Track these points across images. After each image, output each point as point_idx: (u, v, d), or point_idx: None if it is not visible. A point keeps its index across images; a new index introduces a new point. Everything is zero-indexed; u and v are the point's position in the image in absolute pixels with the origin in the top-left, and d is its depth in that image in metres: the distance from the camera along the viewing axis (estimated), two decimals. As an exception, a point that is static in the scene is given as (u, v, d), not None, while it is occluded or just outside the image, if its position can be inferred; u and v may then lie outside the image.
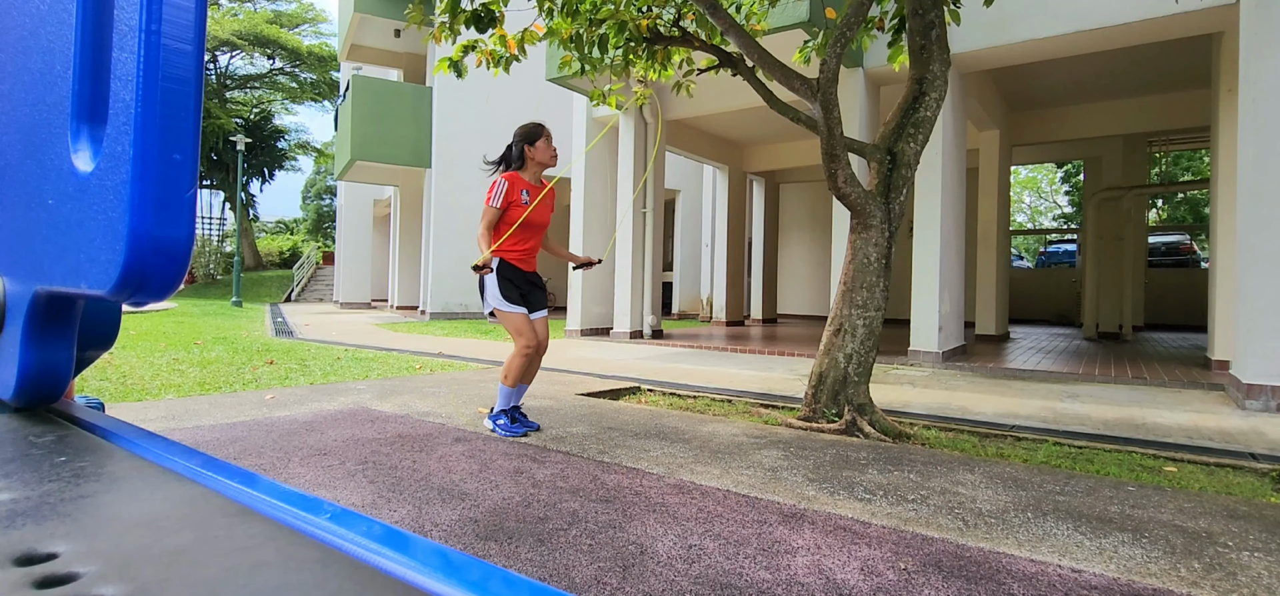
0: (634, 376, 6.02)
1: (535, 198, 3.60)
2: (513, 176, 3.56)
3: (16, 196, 0.55)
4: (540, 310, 3.68)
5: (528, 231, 3.58)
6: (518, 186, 3.56)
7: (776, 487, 2.77)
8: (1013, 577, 1.94)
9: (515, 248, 3.55)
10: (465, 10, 4.21)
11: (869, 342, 4.04)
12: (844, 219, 7.34)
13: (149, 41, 0.41)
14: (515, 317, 3.54)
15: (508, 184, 3.53)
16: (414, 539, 0.38)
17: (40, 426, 0.58)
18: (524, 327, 3.54)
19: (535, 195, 3.61)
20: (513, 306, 3.53)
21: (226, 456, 3.07)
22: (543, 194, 3.64)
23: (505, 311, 3.53)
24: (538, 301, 3.67)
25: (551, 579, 1.87)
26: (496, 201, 3.50)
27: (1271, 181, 4.78)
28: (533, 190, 3.61)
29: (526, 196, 3.57)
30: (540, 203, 3.61)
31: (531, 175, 3.64)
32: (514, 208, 3.55)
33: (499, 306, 3.54)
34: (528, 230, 3.58)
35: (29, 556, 0.34)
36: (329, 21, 33.49)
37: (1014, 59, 7.42)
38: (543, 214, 3.64)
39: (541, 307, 3.68)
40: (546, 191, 3.68)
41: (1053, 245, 18.76)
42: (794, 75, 4.05)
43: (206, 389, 4.95)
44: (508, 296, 3.53)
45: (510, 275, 3.56)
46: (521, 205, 3.55)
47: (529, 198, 3.58)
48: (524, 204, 3.55)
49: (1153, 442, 3.77)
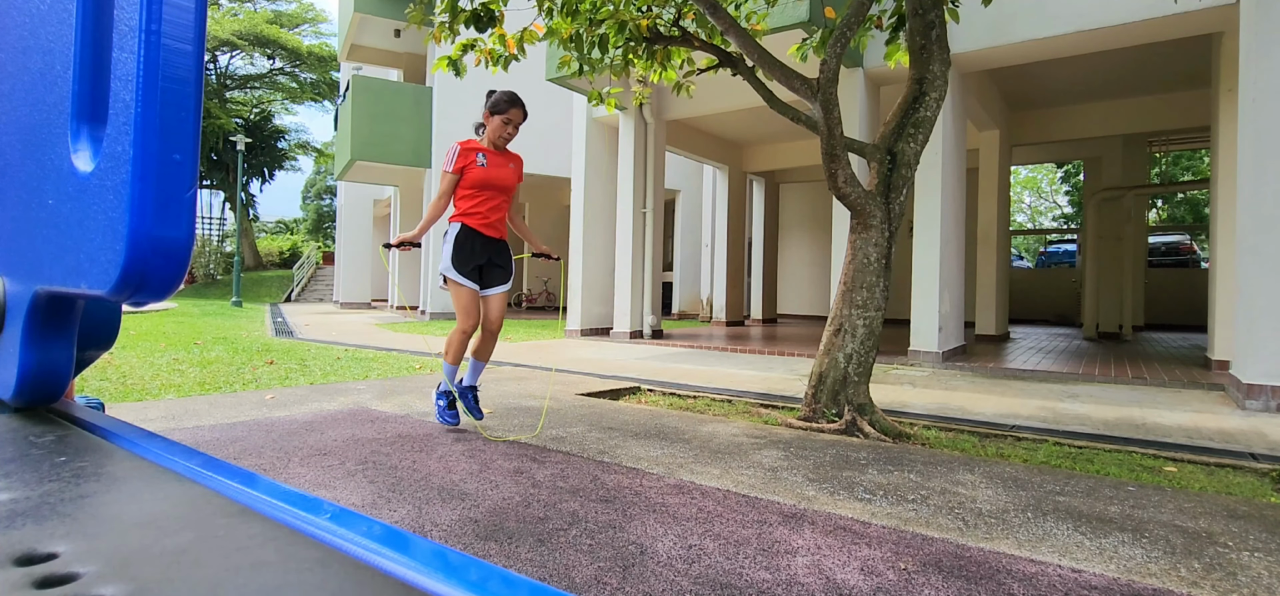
0: (634, 376, 6.02)
1: (493, 162, 3.49)
2: (467, 142, 3.47)
3: (16, 196, 0.55)
4: (496, 286, 3.52)
5: (488, 193, 3.46)
6: (472, 150, 3.45)
7: (776, 488, 2.77)
8: (1013, 577, 1.94)
9: (475, 210, 3.43)
10: (465, 10, 4.22)
11: (869, 342, 4.04)
12: (844, 219, 7.34)
13: (149, 41, 0.41)
14: (463, 292, 3.40)
15: (460, 149, 3.43)
16: (414, 539, 0.38)
17: (40, 426, 0.58)
18: (469, 306, 3.39)
19: (494, 160, 3.50)
20: (462, 278, 3.38)
21: (226, 456, 3.07)
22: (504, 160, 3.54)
23: (454, 281, 3.39)
24: (494, 277, 3.52)
25: (551, 579, 1.87)
26: (449, 165, 3.41)
27: (1271, 182, 4.78)
28: (491, 155, 3.49)
29: (483, 160, 3.46)
30: (501, 167, 3.50)
31: (490, 143, 3.52)
32: (471, 170, 3.43)
33: (448, 273, 3.40)
34: (488, 192, 3.45)
35: (29, 556, 0.34)
36: (329, 21, 33.52)
37: (1014, 59, 7.42)
38: (504, 176, 3.50)
39: (499, 283, 3.53)
40: (511, 159, 3.58)
41: (1053, 245, 18.77)
42: (794, 75, 4.05)
43: (206, 389, 4.95)
44: (460, 264, 3.38)
45: (467, 241, 3.42)
46: (477, 167, 3.43)
47: (486, 161, 3.46)
48: (480, 166, 3.44)
49: (1153, 443, 3.77)
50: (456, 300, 3.40)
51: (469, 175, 3.42)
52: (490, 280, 3.51)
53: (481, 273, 3.47)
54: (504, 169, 3.50)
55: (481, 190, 3.43)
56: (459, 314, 3.41)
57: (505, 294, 3.57)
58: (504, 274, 3.55)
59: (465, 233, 3.40)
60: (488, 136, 3.51)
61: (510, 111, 3.48)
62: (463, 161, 3.41)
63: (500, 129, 3.48)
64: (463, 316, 3.40)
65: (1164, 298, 14.01)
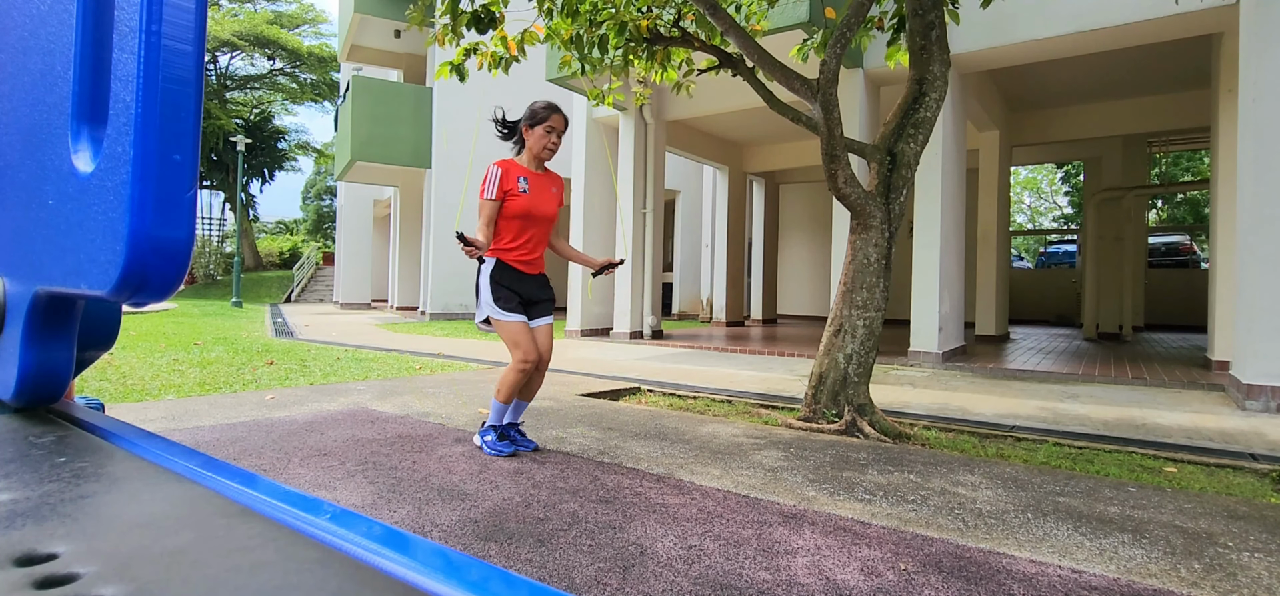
0: (634, 377, 6.01)
1: (536, 187, 3.14)
2: (507, 163, 3.11)
3: (17, 197, 0.55)
4: (543, 318, 3.23)
5: (528, 226, 3.12)
6: (514, 173, 3.09)
7: (776, 488, 2.77)
8: (1013, 578, 1.94)
9: (514, 245, 3.10)
10: (466, 11, 4.22)
11: (869, 343, 4.04)
12: (844, 219, 7.34)
13: (149, 42, 0.41)
14: (512, 327, 3.08)
15: (501, 172, 3.07)
16: (414, 539, 0.38)
17: (40, 427, 0.58)
18: (521, 338, 3.07)
19: (536, 184, 3.14)
20: (509, 314, 3.07)
21: (226, 457, 3.07)
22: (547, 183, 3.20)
23: (501, 320, 3.08)
24: (540, 309, 3.22)
25: (551, 579, 1.87)
26: (491, 192, 3.05)
27: (1271, 182, 4.78)
28: (533, 179, 3.14)
29: (525, 185, 3.09)
30: (543, 193, 3.15)
31: (530, 161, 3.18)
32: (512, 198, 3.08)
33: (494, 314, 3.08)
34: (528, 224, 3.12)
35: (29, 557, 0.34)
36: (329, 22, 33.50)
37: (1014, 59, 7.42)
38: (546, 205, 3.16)
39: (544, 315, 3.24)
40: (554, 181, 3.24)
41: (1053, 245, 18.76)
42: (794, 76, 4.05)
43: (206, 389, 4.95)
44: (503, 302, 3.07)
45: (507, 278, 3.10)
46: (519, 194, 3.07)
47: (528, 186, 3.10)
48: (522, 193, 3.08)
49: (1153, 443, 3.77)
50: (508, 337, 3.08)
51: (510, 205, 3.07)
52: (536, 312, 3.20)
53: (525, 305, 3.16)
54: (546, 194, 3.17)
55: (524, 224, 3.10)
56: (513, 350, 3.09)
57: (552, 324, 3.29)
58: (548, 304, 3.27)
59: (503, 270, 3.10)
60: (528, 154, 3.17)
61: (552, 118, 3.14)
62: (505, 186, 3.06)
63: (543, 141, 3.13)
64: (519, 352, 3.07)
65: (1164, 298, 14.01)
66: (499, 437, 3.23)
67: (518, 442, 3.30)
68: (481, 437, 3.27)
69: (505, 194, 3.07)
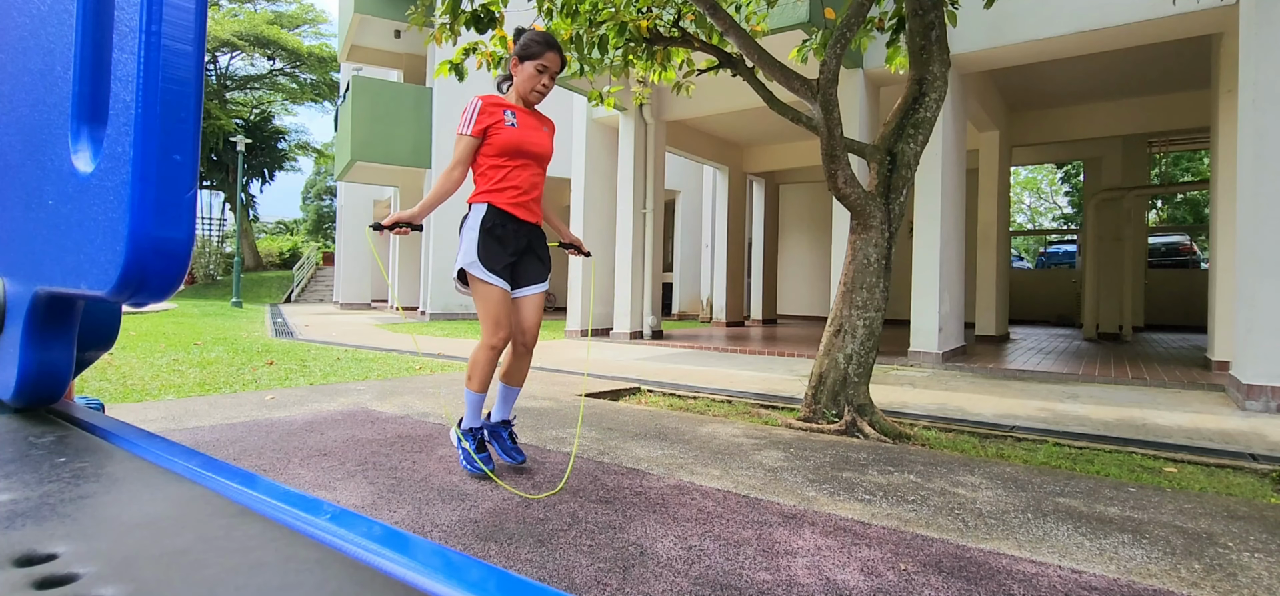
0: (634, 377, 6.01)
1: (525, 122, 2.70)
2: (489, 97, 2.66)
3: (17, 197, 0.55)
4: (532, 285, 2.72)
5: (522, 162, 2.65)
6: (498, 107, 2.65)
7: (776, 488, 2.77)
8: (1013, 578, 1.94)
9: (506, 184, 2.62)
10: (465, 11, 4.22)
11: (869, 343, 4.05)
12: (844, 219, 7.34)
13: (149, 42, 0.41)
14: (491, 295, 2.57)
15: (482, 103, 2.62)
16: (414, 539, 0.38)
17: (40, 427, 0.58)
18: (500, 313, 2.58)
19: (525, 119, 2.70)
20: (490, 275, 2.56)
21: (226, 457, 3.07)
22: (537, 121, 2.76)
23: (480, 279, 2.57)
24: (529, 272, 2.72)
25: (551, 579, 1.87)
26: (468, 127, 2.59)
27: (1271, 182, 4.79)
28: (521, 114, 2.70)
29: (512, 119, 2.65)
30: (534, 128, 2.72)
31: (517, 101, 2.75)
32: (497, 132, 2.61)
33: (474, 269, 2.57)
34: (521, 159, 2.64)
35: (29, 557, 0.34)
36: (329, 22, 33.51)
37: (1014, 60, 7.43)
38: (539, 140, 2.70)
39: (535, 281, 2.73)
40: (545, 121, 2.81)
41: (1053, 246, 18.76)
42: (794, 76, 4.05)
43: (206, 389, 4.95)
44: (489, 259, 2.56)
45: (498, 226, 2.60)
46: (505, 127, 2.62)
47: (516, 119, 2.67)
48: (509, 125, 2.63)
49: (1153, 443, 3.77)
50: (483, 305, 2.60)
51: (495, 138, 2.60)
52: (524, 276, 2.72)
53: (514, 269, 2.69)
54: (538, 131, 2.72)
55: (514, 158, 2.63)
56: (485, 324, 2.60)
57: (542, 296, 2.76)
58: (542, 269, 2.76)
59: (495, 216, 2.59)
60: (516, 90, 2.73)
61: (546, 55, 2.68)
62: (486, 120, 2.60)
63: (533, 80, 2.69)
64: (491, 327, 2.59)
65: (1164, 298, 14.01)
66: (477, 446, 2.71)
67: (503, 448, 2.83)
68: (457, 447, 2.82)
69: (486, 130, 2.62)
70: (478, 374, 2.66)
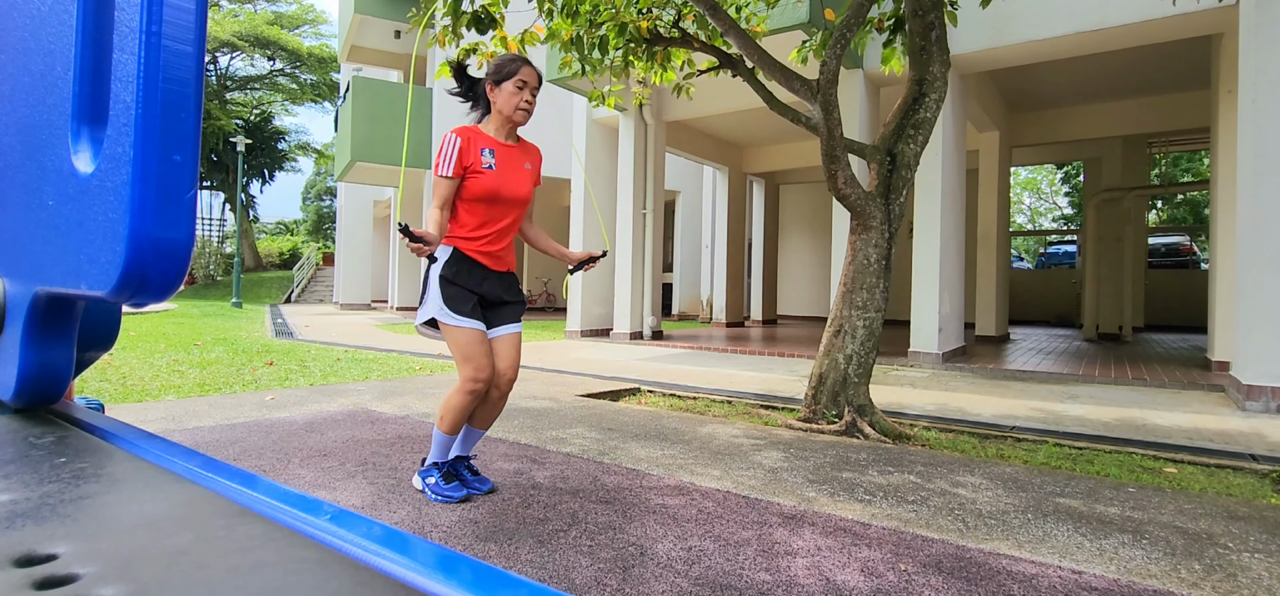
0: (634, 377, 6.01)
1: (505, 162, 2.49)
2: (468, 131, 2.48)
3: (17, 197, 0.55)
4: (507, 326, 2.56)
5: (497, 211, 2.48)
6: (476, 144, 2.45)
7: (776, 489, 2.77)
8: (1013, 579, 1.94)
9: (477, 233, 2.47)
10: (466, 12, 4.22)
11: (869, 344, 4.04)
12: (844, 220, 7.34)
13: (149, 43, 0.41)
14: (463, 335, 2.41)
15: (461, 142, 2.42)
16: (414, 540, 0.38)
17: (40, 427, 0.58)
18: (473, 352, 2.41)
19: (505, 158, 2.50)
20: (461, 319, 2.41)
21: (226, 457, 3.07)
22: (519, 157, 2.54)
23: (450, 325, 2.41)
24: (505, 315, 2.56)
25: (551, 580, 1.87)
26: (447, 168, 2.40)
27: (1271, 183, 4.79)
28: (501, 151, 2.50)
29: (490, 158, 2.45)
30: (514, 170, 2.51)
31: (498, 129, 2.53)
32: (474, 176, 2.43)
33: (440, 315, 2.42)
34: (494, 209, 2.47)
35: (29, 557, 0.34)
36: (329, 23, 33.52)
37: (1013, 60, 7.43)
38: (516, 184, 2.51)
39: (510, 322, 2.56)
40: (528, 153, 2.59)
41: (1053, 246, 18.77)
42: (794, 76, 4.05)
43: (206, 390, 4.95)
44: (455, 303, 2.42)
45: (464, 274, 2.45)
46: (482, 171, 2.44)
47: (494, 161, 2.46)
48: (486, 169, 2.44)
49: (1153, 444, 3.77)
50: (456, 348, 2.42)
51: (470, 182, 2.44)
52: (497, 319, 2.55)
53: (485, 305, 2.52)
54: (518, 172, 2.52)
55: (489, 207, 2.47)
56: (461, 366, 2.42)
57: (519, 336, 2.59)
58: (515, 309, 2.59)
59: (460, 261, 2.46)
60: (497, 118, 2.54)
61: (522, 70, 2.50)
62: (464, 161, 2.43)
63: (514, 99, 2.49)
64: (469, 369, 2.41)
65: (1164, 299, 14.02)
66: (444, 478, 2.56)
67: (468, 483, 2.63)
68: (423, 480, 2.59)
69: (465, 170, 2.44)
70: (450, 417, 2.46)
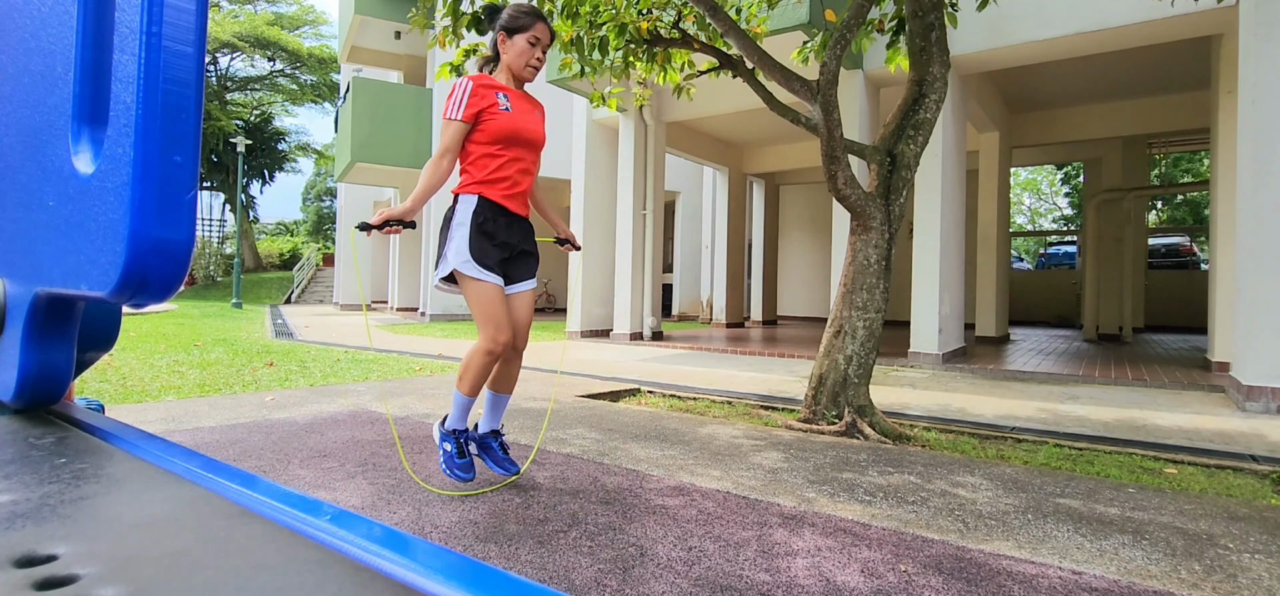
0: (634, 378, 6.01)
1: (519, 105, 2.47)
2: (480, 77, 2.43)
3: (17, 198, 0.55)
4: (523, 281, 2.51)
5: (515, 151, 2.43)
6: (490, 89, 2.41)
7: (776, 489, 2.77)
8: (1013, 579, 1.94)
9: (498, 175, 2.40)
10: (466, 13, 4.22)
11: (869, 344, 4.04)
12: (844, 220, 7.34)
13: (150, 44, 0.41)
14: (485, 292, 2.35)
15: (473, 86, 2.37)
16: (414, 540, 0.38)
17: (40, 428, 0.58)
18: (494, 310, 2.35)
19: (518, 101, 2.47)
20: (484, 272, 2.34)
21: (226, 458, 3.07)
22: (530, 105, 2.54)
23: (471, 277, 2.34)
24: (520, 268, 2.50)
25: (551, 580, 1.87)
26: (457, 111, 2.35)
27: (1271, 183, 4.79)
28: (514, 95, 2.47)
29: (506, 103, 2.41)
30: (527, 113, 2.49)
31: (508, 79, 2.51)
32: (490, 117, 2.38)
33: (466, 268, 2.34)
34: (515, 149, 2.42)
35: (29, 558, 0.34)
36: (329, 23, 33.53)
37: (1013, 61, 7.43)
38: (533, 126, 2.48)
39: (525, 278, 2.52)
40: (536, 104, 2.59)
41: (1053, 247, 18.76)
42: (794, 77, 4.06)
43: (206, 390, 4.95)
44: (480, 254, 2.34)
45: (489, 221, 2.38)
46: (499, 113, 2.38)
47: (509, 104, 2.42)
48: (502, 110, 2.39)
49: (1153, 444, 3.77)
50: (480, 306, 2.37)
51: (488, 124, 2.37)
52: (516, 273, 2.50)
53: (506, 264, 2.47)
54: (532, 116, 2.50)
55: (507, 147, 2.41)
56: (485, 327, 2.36)
57: (533, 293, 2.57)
58: (532, 263, 2.55)
59: (485, 208, 2.38)
60: (505, 71, 2.50)
61: (536, 26, 2.46)
62: (477, 103, 2.36)
63: (526, 54, 2.46)
64: (493, 331, 2.36)
65: (1164, 299, 14.02)
66: (458, 452, 2.46)
67: (494, 460, 2.61)
68: (441, 442, 2.56)
69: (479, 114, 2.38)
70: (470, 377, 2.42)
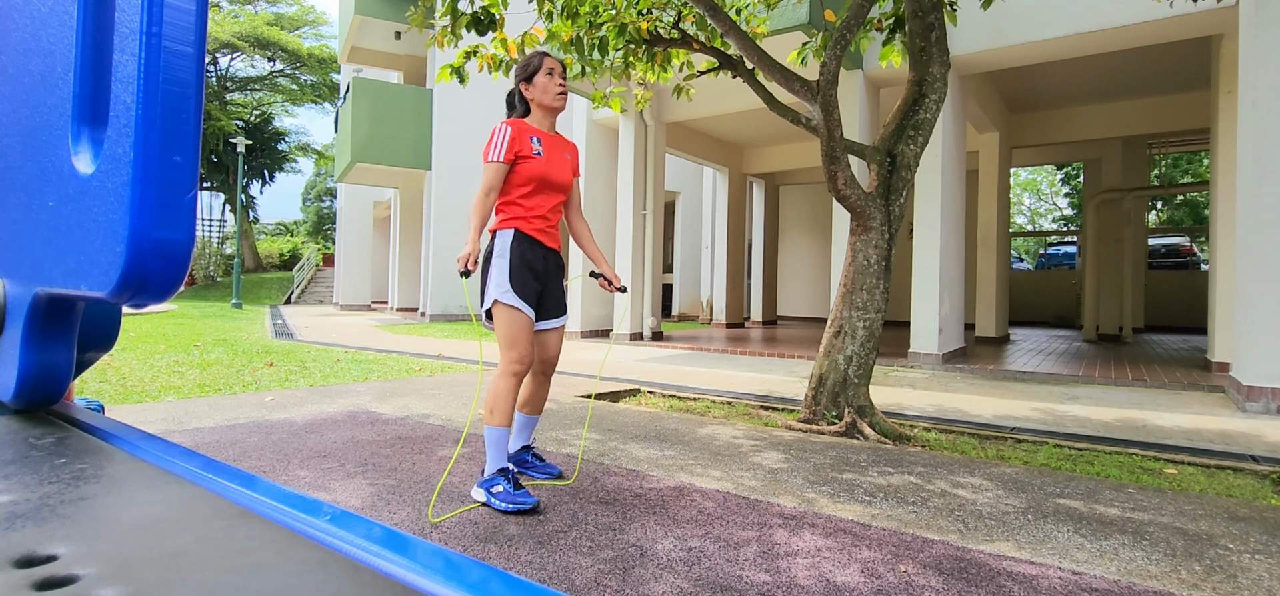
0: (634, 378, 6.01)
1: (550, 149, 2.66)
2: (517, 122, 2.62)
3: (17, 198, 0.55)
4: (554, 318, 2.70)
5: (543, 192, 2.62)
6: (526, 133, 2.60)
7: (776, 490, 2.77)
8: (1013, 580, 1.94)
9: (531, 214, 2.60)
10: (465, 13, 4.22)
11: (869, 344, 4.04)
12: (844, 221, 7.35)
13: (150, 44, 0.41)
14: (516, 321, 2.50)
15: (511, 131, 2.56)
16: (414, 541, 0.38)
17: (40, 428, 0.58)
18: (520, 337, 2.50)
19: (550, 146, 2.66)
20: (519, 300, 2.50)
21: (226, 458, 3.07)
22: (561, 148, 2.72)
23: (507, 305, 2.50)
24: (553, 305, 2.68)
25: (551, 581, 1.87)
26: (499, 154, 2.53)
27: (1271, 184, 4.79)
28: (547, 139, 2.66)
29: (538, 146, 2.61)
30: (558, 158, 2.68)
31: (540, 121, 2.69)
32: (524, 161, 2.57)
33: (502, 297, 2.50)
34: (543, 191, 2.62)
35: (29, 558, 0.34)
36: (329, 23, 33.52)
37: (1013, 61, 7.43)
38: (562, 171, 2.67)
39: (557, 314, 2.70)
40: (567, 146, 2.75)
41: (1052, 247, 18.77)
42: (794, 77, 4.06)
43: (206, 391, 4.95)
44: (520, 286, 2.51)
45: (526, 253, 2.56)
46: (533, 157, 2.59)
47: (542, 148, 2.62)
48: (535, 154, 2.59)
49: (1153, 445, 3.77)
50: (507, 332, 2.50)
51: (522, 168, 2.57)
52: (547, 308, 2.67)
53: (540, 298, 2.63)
54: (561, 161, 2.68)
55: (539, 189, 2.61)
56: (507, 350, 2.49)
57: (563, 330, 2.74)
58: (563, 301, 2.73)
59: (521, 242, 2.56)
60: (537, 110, 2.69)
61: (547, 61, 2.67)
62: (515, 148, 2.56)
63: (550, 86, 2.66)
64: (515, 353, 2.49)
65: (1164, 300, 14.02)
66: (512, 485, 2.45)
67: (534, 468, 2.79)
68: (487, 491, 2.47)
69: (517, 157, 2.58)
70: (500, 407, 2.51)
